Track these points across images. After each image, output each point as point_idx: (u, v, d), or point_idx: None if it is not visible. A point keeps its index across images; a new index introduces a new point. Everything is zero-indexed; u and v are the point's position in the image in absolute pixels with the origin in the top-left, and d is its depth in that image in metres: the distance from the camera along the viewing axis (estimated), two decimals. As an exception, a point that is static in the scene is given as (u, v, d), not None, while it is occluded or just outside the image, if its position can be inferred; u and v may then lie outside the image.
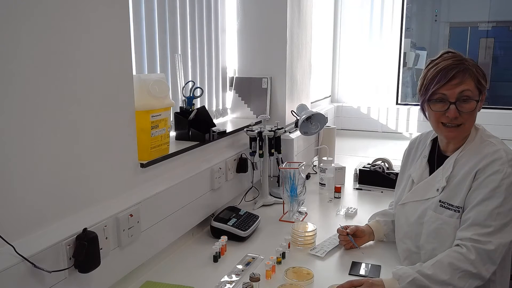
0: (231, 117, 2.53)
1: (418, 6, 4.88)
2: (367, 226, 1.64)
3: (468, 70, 1.27)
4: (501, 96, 4.85)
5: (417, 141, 1.54)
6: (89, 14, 1.13)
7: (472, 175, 1.27)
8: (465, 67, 1.27)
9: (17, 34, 0.94)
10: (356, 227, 1.61)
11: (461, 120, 1.28)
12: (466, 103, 1.27)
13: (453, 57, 1.30)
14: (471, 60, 1.31)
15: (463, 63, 1.28)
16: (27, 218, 1.00)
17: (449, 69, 1.27)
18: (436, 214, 1.32)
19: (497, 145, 1.29)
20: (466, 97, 1.26)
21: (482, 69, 1.30)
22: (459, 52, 1.33)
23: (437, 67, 1.30)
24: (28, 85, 0.97)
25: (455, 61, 1.28)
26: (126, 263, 1.31)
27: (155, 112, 1.44)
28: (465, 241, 1.21)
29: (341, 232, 1.59)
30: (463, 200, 1.27)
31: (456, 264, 1.18)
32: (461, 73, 1.26)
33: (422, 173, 1.43)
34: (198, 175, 1.70)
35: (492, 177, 1.23)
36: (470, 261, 1.18)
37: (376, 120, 3.89)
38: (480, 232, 1.20)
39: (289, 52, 2.51)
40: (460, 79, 1.26)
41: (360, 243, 1.60)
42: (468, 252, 1.19)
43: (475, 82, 1.27)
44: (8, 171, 0.95)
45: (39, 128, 1.01)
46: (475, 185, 1.25)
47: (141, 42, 1.68)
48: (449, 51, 1.33)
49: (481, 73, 1.29)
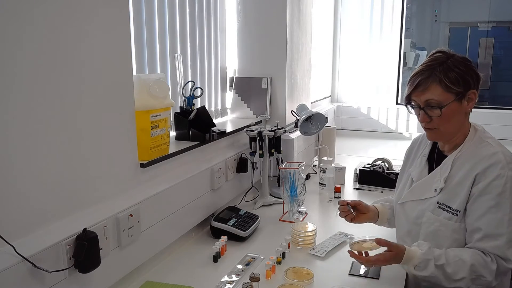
0: (231, 117, 2.53)
1: (418, 6, 4.88)
2: (372, 206, 1.61)
3: (432, 77, 1.25)
4: (501, 96, 4.86)
5: (419, 140, 1.54)
6: (89, 15, 1.13)
7: (471, 178, 1.26)
8: (430, 74, 1.25)
9: (19, 35, 0.94)
10: (359, 201, 1.56)
11: (433, 124, 1.30)
12: (432, 110, 1.28)
13: (429, 61, 1.29)
14: (456, 59, 1.27)
15: (431, 69, 1.26)
16: (27, 218, 1.00)
17: (416, 76, 1.28)
18: (434, 216, 1.32)
19: (495, 147, 1.28)
20: (430, 105, 1.27)
21: (460, 70, 1.25)
22: (452, 50, 1.31)
23: (413, 71, 1.31)
24: (28, 85, 0.97)
25: (424, 67, 1.28)
26: (126, 263, 1.31)
27: (155, 112, 1.44)
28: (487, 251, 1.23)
29: (341, 203, 1.54)
30: (462, 204, 1.27)
31: (477, 268, 1.20)
32: (425, 81, 1.26)
33: (421, 171, 1.43)
34: (198, 175, 1.70)
35: (495, 183, 1.22)
36: (490, 270, 1.20)
37: (376, 120, 3.89)
38: (497, 244, 1.21)
39: (289, 52, 2.51)
40: (423, 86, 1.26)
41: (362, 220, 1.56)
42: (491, 262, 1.21)
43: (443, 87, 1.25)
44: (8, 171, 0.95)
45: (39, 128, 1.01)
46: (476, 191, 1.25)
47: (141, 42, 1.68)
48: (439, 51, 1.32)
49: (453, 77, 1.24)
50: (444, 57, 1.28)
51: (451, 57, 1.28)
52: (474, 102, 1.30)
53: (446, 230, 1.29)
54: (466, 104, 1.29)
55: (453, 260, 1.22)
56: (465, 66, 1.27)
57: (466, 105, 1.29)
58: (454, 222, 1.28)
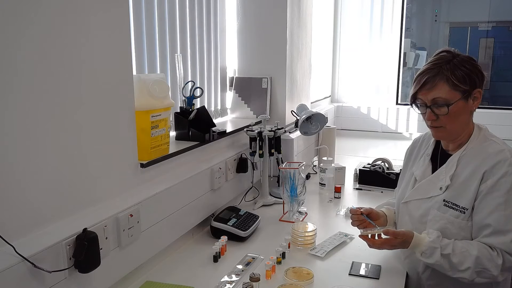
0: (231, 117, 2.53)
1: (418, 6, 4.88)
2: (380, 211, 1.60)
3: (440, 75, 1.26)
4: (501, 96, 4.85)
5: (421, 140, 1.54)
6: (89, 15, 1.13)
7: (479, 176, 1.27)
8: (438, 72, 1.26)
9: (19, 35, 0.94)
10: (370, 208, 1.54)
11: (440, 122, 1.31)
12: (439, 108, 1.28)
13: (435, 60, 1.30)
14: (462, 58, 1.28)
15: (438, 67, 1.27)
16: (27, 218, 1.00)
17: (423, 75, 1.29)
18: (440, 213, 1.33)
19: (500, 145, 1.30)
20: (437, 103, 1.28)
21: (467, 68, 1.26)
22: (457, 50, 1.32)
23: (419, 70, 1.32)
24: (28, 86, 0.97)
25: (431, 66, 1.29)
26: (126, 263, 1.31)
27: (155, 112, 1.44)
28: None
29: (354, 212, 1.50)
30: (470, 202, 1.28)
31: (482, 260, 1.22)
32: (432, 79, 1.27)
33: (425, 171, 1.43)
34: (198, 175, 1.70)
35: (503, 180, 1.24)
36: (496, 265, 1.21)
37: (376, 120, 3.89)
38: (505, 240, 1.23)
39: (289, 52, 2.51)
40: (431, 84, 1.27)
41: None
42: (498, 256, 1.22)
43: (450, 85, 1.26)
44: (8, 171, 0.95)
45: (39, 128, 1.01)
46: (485, 188, 1.26)
47: (141, 42, 1.68)
48: (444, 50, 1.32)
49: (459, 76, 1.25)
50: (450, 56, 1.29)
51: (456, 56, 1.29)
52: (479, 101, 1.31)
53: (453, 228, 1.30)
54: (472, 103, 1.30)
55: (460, 251, 1.24)
56: (471, 65, 1.28)
57: (472, 103, 1.30)
58: (461, 220, 1.29)
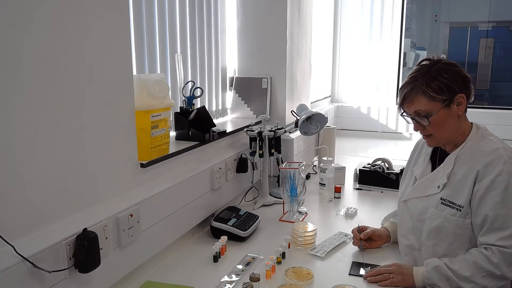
0: (231, 117, 2.53)
1: (418, 6, 4.88)
2: (383, 228, 1.63)
3: (416, 89, 1.30)
4: (501, 96, 4.86)
5: (422, 141, 1.56)
6: (90, 16, 1.13)
7: (474, 174, 1.28)
8: (414, 85, 1.30)
9: (21, 37, 0.94)
10: (372, 231, 1.59)
11: (427, 131, 1.35)
12: (422, 119, 1.32)
13: (413, 72, 1.33)
14: (439, 67, 1.29)
15: (415, 81, 1.30)
16: (27, 218, 1.00)
17: (402, 89, 1.35)
18: (437, 212, 1.34)
19: (496, 143, 1.31)
20: (420, 114, 1.31)
21: (444, 78, 1.27)
22: (439, 56, 1.34)
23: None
24: (28, 86, 0.97)
25: (408, 79, 1.33)
26: (126, 263, 1.31)
27: (155, 112, 1.44)
28: (490, 245, 1.25)
29: (355, 235, 1.59)
30: (466, 200, 1.29)
31: (480, 264, 1.23)
32: (409, 93, 1.31)
33: (424, 169, 1.45)
34: (198, 175, 1.70)
35: (499, 179, 1.24)
36: (493, 263, 1.22)
37: (376, 120, 3.89)
38: (502, 236, 1.23)
39: (289, 52, 2.51)
40: (410, 98, 1.32)
41: (376, 246, 1.59)
42: (492, 254, 1.23)
43: (427, 98, 1.29)
44: (9, 171, 0.95)
45: (39, 128, 1.01)
46: (481, 188, 1.26)
47: (141, 42, 1.68)
48: (425, 59, 1.35)
49: (435, 87, 1.27)
50: (428, 65, 1.31)
51: (435, 65, 1.30)
52: (465, 104, 1.32)
53: (450, 226, 1.31)
54: (456, 108, 1.31)
55: (457, 259, 1.27)
56: (449, 72, 1.29)
57: (456, 109, 1.31)
58: (458, 218, 1.30)
